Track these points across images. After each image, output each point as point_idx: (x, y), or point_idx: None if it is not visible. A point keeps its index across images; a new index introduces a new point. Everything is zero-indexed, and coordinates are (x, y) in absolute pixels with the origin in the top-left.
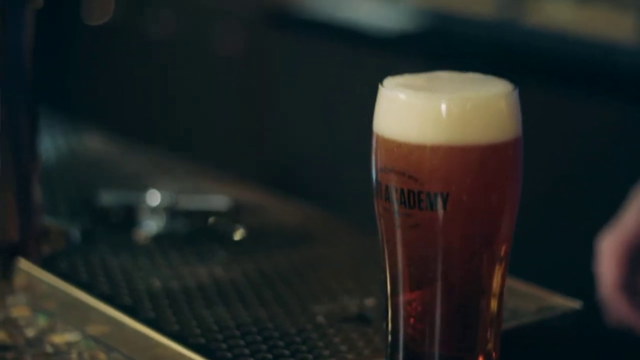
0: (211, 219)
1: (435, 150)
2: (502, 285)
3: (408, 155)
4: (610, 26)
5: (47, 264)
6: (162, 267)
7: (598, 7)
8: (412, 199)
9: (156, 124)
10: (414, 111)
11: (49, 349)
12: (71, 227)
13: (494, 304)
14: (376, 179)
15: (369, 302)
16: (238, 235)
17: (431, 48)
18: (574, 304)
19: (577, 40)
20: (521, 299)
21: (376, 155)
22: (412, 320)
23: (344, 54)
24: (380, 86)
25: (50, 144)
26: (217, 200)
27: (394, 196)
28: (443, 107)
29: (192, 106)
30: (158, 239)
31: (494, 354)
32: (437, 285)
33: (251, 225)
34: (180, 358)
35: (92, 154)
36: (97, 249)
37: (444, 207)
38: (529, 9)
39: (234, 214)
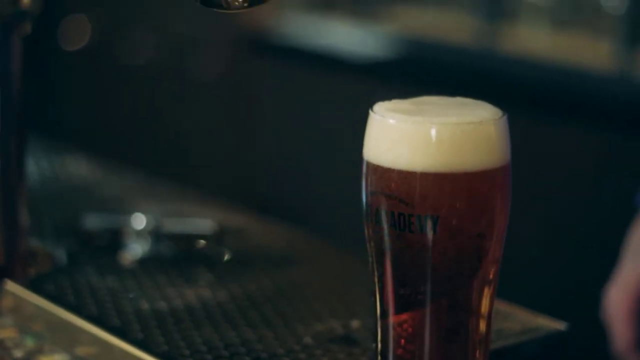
0: (198, 242)
1: (425, 176)
2: (491, 307)
3: (398, 181)
4: (586, 53)
5: (34, 286)
6: (149, 289)
7: (574, 34)
8: (403, 222)
9: (138, 147)
10: (404, 137)
11: None
12: (57, 249)
13: (482, 325)
14: (366, 203)
15: (355, 323)
16: (223, 257)
17: (409, 74)
18: (559, 325)
19: (552, 66)
20: (506, 319)
21: (366, 180)
22: (402, 341)
23: (324, 79)
24: (370, 112)
25: (35, 167)
26: (202, 223)
27: (384, 219)
28: (433, 133)
29: (173, 130)
30: (144, 261)
31: None
32: (426, 307)
33: (236, 248)
34: None
35: (76, 178)
36: (84, 271)
37: (434, 230)
38: (505, 36)
39: (219, 237)
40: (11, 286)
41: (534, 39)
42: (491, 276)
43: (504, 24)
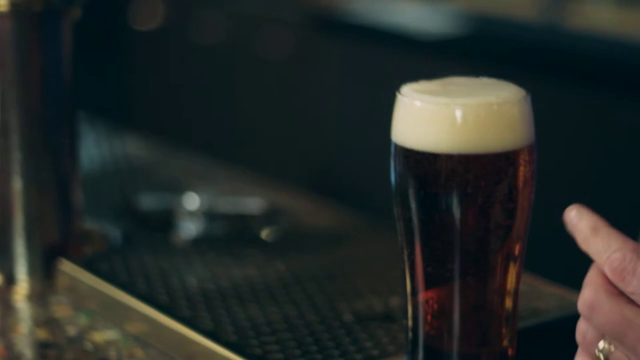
0: (249, 221)
1: (449, 157)
2: (517, 284)
3: (424, 161)
4: None
5: (88, 265)
6: (198, 269)
7: (638, 9)
8: (429, 202)
9: (207, 128)
10: (428, 119)
11: (89, 346)
12: (112, 229)
13: (509, 302)
14: (395, 183)
15: (394, 301)
16: (272, 237)
17: (476, 51)
18: None
19: (617, 42)
20: (541, 297)
21: (395, 161)
22: (429, 318)
23: (390, 57)
24: (397, 94)
25: (94, 148)
26: (254, 203)
27: (412, 199)
28: (457, 114)
29: (238, 111)
30: (196, 241)
31: (510, 350)
32: (453, 284)
33: (285, 228)
34: (213, 355)
35: (134, 159)
36: (137, 251)
37: (460, 210)
38: (570, 12)
39: (270, 217)
40: (66, 265)
41: (599, 14)
42: (517, 253)
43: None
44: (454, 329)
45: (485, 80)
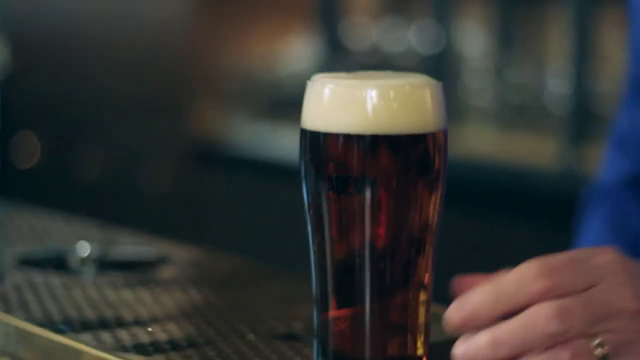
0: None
1: (361, 138)
2: (430, 271)
3: (335, 144)
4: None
5: None
6: (94, 297)
7: (519, 134)
8: (341, 185)
9: None
10: (339, 100)
11: None
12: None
13: (423, 297)
14: (305, 169)
15: (298, 325)
16: (166, 278)
17: None
18: None
19: (499, 167)
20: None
21: (305, 147)
22: (342, 309)
23: (274, 189)
24: (308, 82)
25: None
26: (145, 251)
27: (323, 183)
28: (367, 95)
29: None
30: (91, 280)
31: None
32: (365, 271)
33: (179, 272)
34: None
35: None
36: (29, 288)
37: (372, 193)
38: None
39: (161, 263)
40: None
41: (481, 140)
42: (429, 242)
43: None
44: (366, 331)
45: (396, 73)
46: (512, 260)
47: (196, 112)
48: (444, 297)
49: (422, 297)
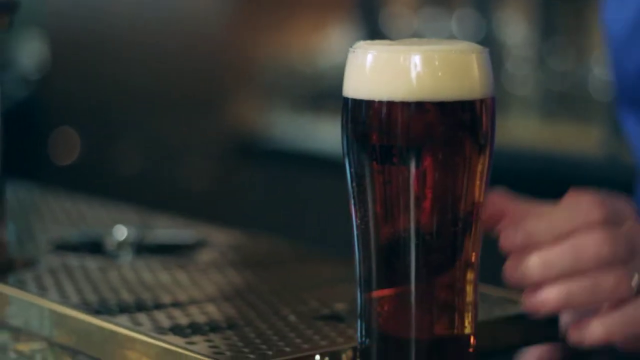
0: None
1: (405, 105)
2: (478, 243)
3: (379, 112)
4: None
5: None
6: (131, 280)
7: (562, 123)
8: (385, 155)
9: None
10: (383, 67)
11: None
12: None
13: (471, 275)
14: (347, 140)
15: (341, 306)
16: (205, 261)
17: None
18: None
19: (542, 155)
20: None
21: (348, 116)
22: (384, 296)
23: (314, 181)
24: (349, 50)
25: None
26: (184, 234)
27: (367, 154)
28: (412, 61)
29: None
30: (129, 260)
31: (472, 338)
32: (411, 245)
33: (218, 255)
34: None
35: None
36: (66, 268)
37: (417, 163)
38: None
39: (201, 246)
40: None
41: (524, 129)
42: (476, 214)
43: None
44: (412, 311)
45: (440, 40)
46: None
47: (236, 106)
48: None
49: (470, 275)
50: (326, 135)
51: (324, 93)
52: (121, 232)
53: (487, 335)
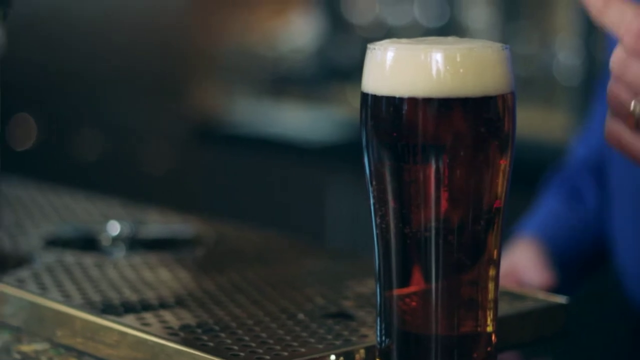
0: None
1: (428, 102)
2: (499, 241)
3: (400, 109)
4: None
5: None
6: (131, 278)
7: (529, 107)
8: (407, 154)
9: None
10: (405, 64)
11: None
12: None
13: (492, 272)
14: (367, 138)
15: (348, 303)
16: (202, 256)
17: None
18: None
19: None
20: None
21: (367, 113)
22: (409, 281)
23: (275, 165)
24: (368, 47)
25: None
26: (180, 228)
27: (387, 153)
28: (434, 58)
29: None
30: (126, 257)
31: (493, 336)
32: (432, 245)
33: (216, 249)
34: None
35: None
36: (64, 267)
37: (439, 159)
38: None
39: (198, 240)
40: None
41: None
42: (496, 212)
43: None
44: (434, 309)
45: (459, 39)
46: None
47: (197, 90)
48: None
49: (492, 271)
50: (287, 119)
51: (286, 77)
52: (114, 228)
53: (506, 333)
